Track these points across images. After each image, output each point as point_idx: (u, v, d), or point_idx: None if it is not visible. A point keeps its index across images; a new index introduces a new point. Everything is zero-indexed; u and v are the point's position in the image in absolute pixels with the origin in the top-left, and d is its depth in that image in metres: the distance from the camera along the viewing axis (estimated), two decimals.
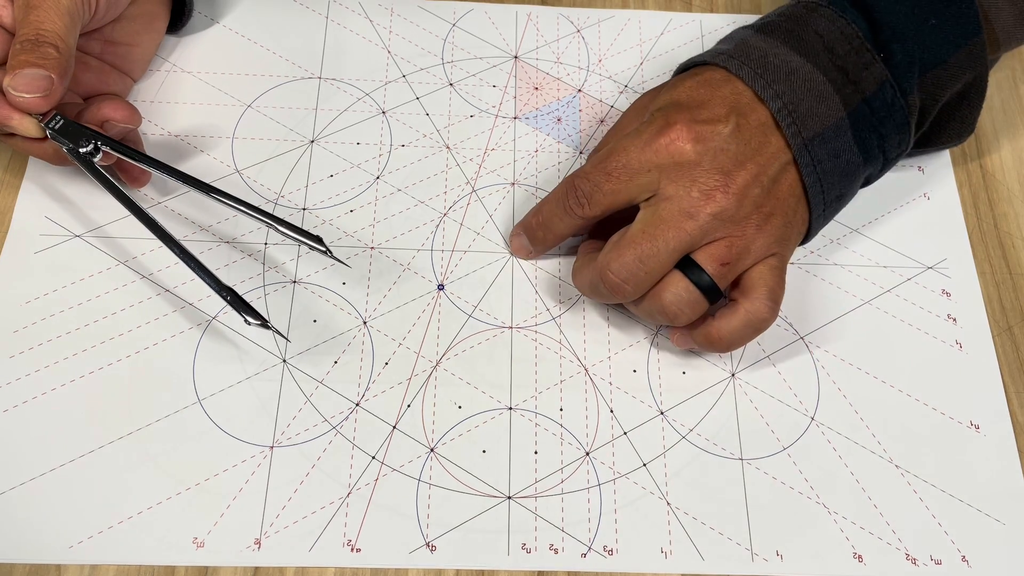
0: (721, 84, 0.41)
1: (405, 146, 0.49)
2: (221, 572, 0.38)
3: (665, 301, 0.39)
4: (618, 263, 0.39)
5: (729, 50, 0.42)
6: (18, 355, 0.42)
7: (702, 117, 0.39)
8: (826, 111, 0.40)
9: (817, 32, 0.41)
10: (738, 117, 0.39)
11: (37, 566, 0.38)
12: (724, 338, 0.40)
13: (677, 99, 0.41)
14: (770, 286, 0.40)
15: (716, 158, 0.39)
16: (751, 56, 0.41)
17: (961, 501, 0.42)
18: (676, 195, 0.39)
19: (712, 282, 0.39)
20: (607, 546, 0.40)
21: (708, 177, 0.39)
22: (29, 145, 0.42)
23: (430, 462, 0.41)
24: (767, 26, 0.42)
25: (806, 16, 0.42)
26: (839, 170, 0.41)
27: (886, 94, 0.41)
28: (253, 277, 0.44)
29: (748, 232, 0.39)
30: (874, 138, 0.41)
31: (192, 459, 0.40)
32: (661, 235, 0.38)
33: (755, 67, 0.40)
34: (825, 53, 0.41)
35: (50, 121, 0.41)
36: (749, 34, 0.42)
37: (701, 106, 0.40)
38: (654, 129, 0.40)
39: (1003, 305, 0.47)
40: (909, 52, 0.41)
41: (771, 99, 0.40)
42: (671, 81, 0.43)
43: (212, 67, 0.50)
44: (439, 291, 0.45)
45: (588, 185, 0.40)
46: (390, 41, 0.52)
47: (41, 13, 0.39)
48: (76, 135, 0.41)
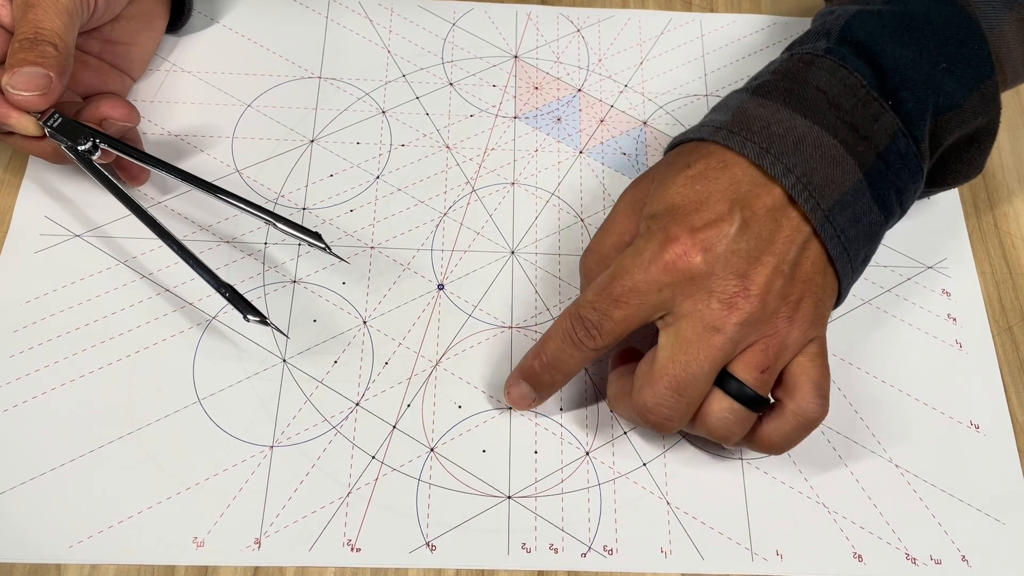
0: (718, 173, 0.37)
1: (405, 146, 0.49)
2: (221, 572, 0.38)
3: (712, 425, 0.37)
4: (654, 400, 0.36)
5: (726, 122, 0.38)
6: (18, 355, 0.42)
7: (703, 221, 0.36)
8: (842, 176, 0.37)
9: (819, 88, 0.38)
10: (742, 210, 0.36)
11: (37, 566, 0.38)
12: (777, 444, 0.37)
13: (672, 202, 0.37)
14: (815, 380, 0.37)
15: (728, 263, 0.35)
16: (752, 128, 0.37)
17: (961, 501, 0.42)
18: (695, 310, 0.36)
19: (755, 393, 0.36)
20: (607, 546, 0.40)
21: (725, 285, 0.35)
22: (28, 143, 0.42)
23: (430, 462, 0.41)
24: (763, 88, 0.39)
25: (804, 71, 0.39)
26: (863, 234, 0.38)
27: (899, 145, 0.38)
28: (253, 276, 0.44)
29: (780, 328, 0.36)
30: (892, 193, 0.38)
31: (192, 459, 0.40)
32: (692, 359, 0.35)
33: (760, 141, 0.37)
34: (831, 111, 0.37)
35: (48, 119, 0.41)
36: (745, 99, 0.39)
37: (700, 208, 0.36)
38: (655, 245, 0.36)
39: (1003, 305, 0.47)
40: (920, 98, 0.38)
41: (782, 175, 0.36)
42: (662, 172, 0.39)
43: (212, 67, 0.50)
44: (439, 291, 0.45)
45: (596, 315, 0.37)
46: (390, 41, 0.52)
47: (40, 12, 0.39)
48: (75, 133, 0.41)
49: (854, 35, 0.39)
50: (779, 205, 0.36)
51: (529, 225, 0.47)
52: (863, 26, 0.39)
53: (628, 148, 0.50)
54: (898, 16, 0.40)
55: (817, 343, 0.37)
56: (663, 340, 0.37)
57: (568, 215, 0.48)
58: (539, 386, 0.40)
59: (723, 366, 0.36)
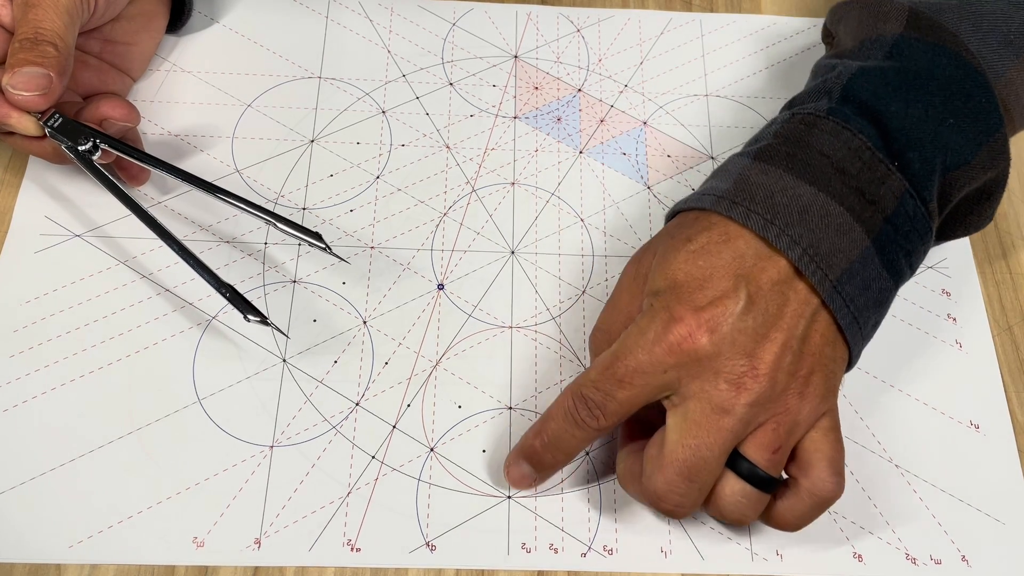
0: (720, 247, 0.36)
1: (405, 146, 0.49)
2: (221, 572, 0.38)
3: (725, 509, 0.36)
4: (665, 487, 0.35)
5: (728, 191, 0.37)
6: (18, 355, 0.42)
7: (707, 300, 0.35)
8: (849, 244, 0.36)
9: (822, 152, 0.37)
10: (747, 286, 0.35)
11: (37, 566, 0.38)
12: (792, 523, 0.36)
13: (674, 279, 0.36)
14: (829, 456, 0.36)
15: (735, 342, 0.34)
16: (755, 198, 0.36)
17: (961, 501, 0.42)
18: (703, 391, 0.34)
19: (767, 475, 0.35)
20: (607, 546, 0.40)
21: (732, 365, 0.34)
22: (28, 143, 0.42)
23: (430, 462, 0.41)
24: (764, 152, 0.38)
25: (806, 135, 0.37)
26: (872, 300, 0.36)
27: (907, 207, 0.37)
28: (253, 276, 0.44)
29: (791, 405, 0.35)
30: (901, 256, 0.37)
31: (192, 459, 0.40)
32: (702, 442, 0.34)
33: (763, 212, 0.36)
34: (836, 176, 0.36)
35: (49, 119, 0.41)
36: (747, 165, 0.38)
37: (703, 285, 0.35)
38: (659, 325, 0.35)
39: (1003, 305, 0.47)
40: (927, 158, 0.37)
41: (788, 247, 0.35)
42: (664, 244, 0.38)
43: (212, 66, 0.50)
44: (439, 291, 0.45)
45: (599, 395, 0.35)
46: (390, 41, 0.52)
47: (40, 12, 0.39)
48: (75, 133, 0.41)
49: (857, 94, 0.38)
50: (785, 278, 0.35)
51: (529, 225, 0.47)
52: (866, 84, 0.38)
53: (628, 148, 0.50)
54: (901, 72, 0.38)
55: (829, 416, 0.36)
56: (671, 422, 0.35)
57: (568, 215, 0.48)
58: (540, 466, 0.38)
59: (734, 447, 0.35)
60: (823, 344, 0.36)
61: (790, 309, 0.35)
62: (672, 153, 0.50)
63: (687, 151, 0.50)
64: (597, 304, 0.45)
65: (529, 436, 0.39)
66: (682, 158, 0.50)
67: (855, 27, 0.42)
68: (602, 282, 0.46)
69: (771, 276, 0.35)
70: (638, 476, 0.37)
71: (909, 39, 0.39)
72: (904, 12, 0.40)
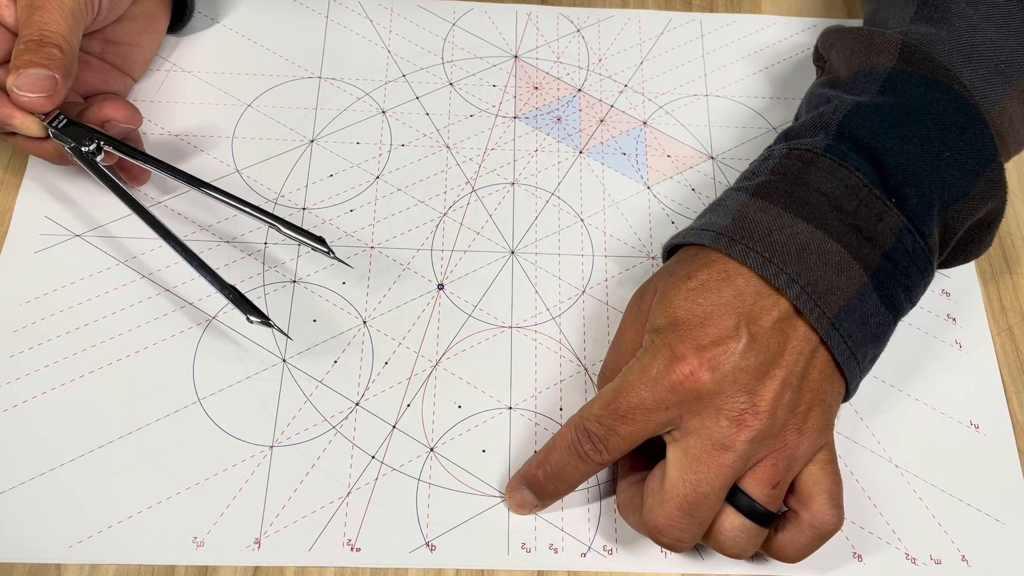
0: (720, 285, 0.36)
1: (405, 146, 0.49)
2: (221, 572, 0.38)
3: (724, 544, 0.36)
4: (666, 521, 0.35)
5: (727, 227, 0.37)
6: (18, 354, 0.42)
7: (709, 339, 0.35)
8: (847, 281, 0.36)
9: (819, 190, 0.37)
10: (749, 325, 0.35)
11: (37, 565, 0.38)
12: (793, 555, 0.37)
13: (675, 316, 0.36)
14: (829, 490, 0.36)
15: (736, 379, 0.34)
16: (754, 236, 0.36)
17: (961, 501, 0.42)
18: (703, 428, 0.35)
19: (766, 510, 0.35)
20: (607, 546, 0.40)
21: (733, 402, 0.34)
22: (31, 144, 0.42)
23: (430, 461, 0.41)
24: (763, 189, 0.38)
25: (803, 172, 0.37)
26: (870, 336, 0.37)
27: (905, 243, 0.37)
28: (253, 277, 0.44)
29: (790, 440, 0.35)
30: (900, 291, 0.37)
31: (192, 459, 0.40)
32: (702, 478, 0.34)
33: (762, 250, 0.36)
34: (833, 214, 0.36)
35: (53, 120, 0.41)
36: (745, 201, 0.38)
37: (704, 323, 0.35)
38: (661, 363, 0.35)
39: (1003, 305, 0.47)
40: (925, 193, 0.37)
41: (786, 286, 0.35)
42: (664, 282, 0.38)
43: (212, 67, 0.50)
44: (439, 291, 0.45)
45: (601, 429, 0.36)
46: (390, 41, 0.52)
47: (45, 14, 0.39)
48: (79, 134, 0.41)
49: (853, 131, 0.38)
50: (785, 316, 0.35)
51: (529, 225, 0.47)
52: (862, 121, 0.38)
53: (628, 148, 0.50)
54: (896, 108, 0.39)
55: (826, 450, 0.37)
56: (672, 457, 0.36)
57: (568, 215, 0.48)
58: (542, 495, 0.39)
59: (733, 482, 0.35)
60: (821, 380, 0.36)
61: (790, 347, 0.35)
62: (672, 153, 0.50)
63: (687, 151, 0.50)
64: (597, 304, 0.45)
65: (532, 465, 0.39)
66: (682, 158, 0.50)
67: (848, 56, 0.42)
68: (602, 282, 0.46)
69: (772, 315, 0.35)
70: (638, 508, 0.37)
71: (902, 73, 0.39)
72: (896, 45, 0.40)
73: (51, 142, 0.41)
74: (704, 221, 0.39)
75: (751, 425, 0.34)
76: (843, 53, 0.42)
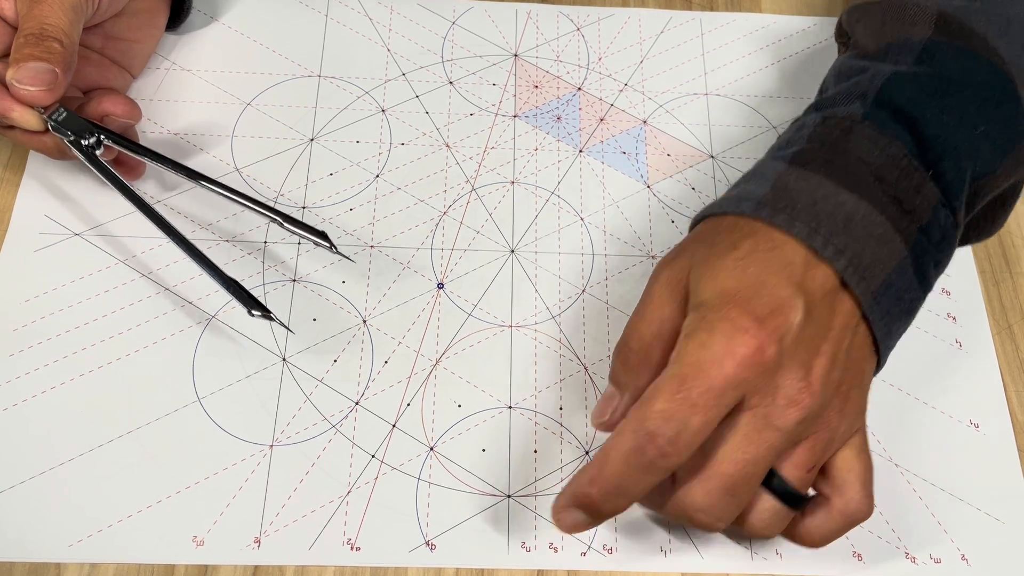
0: (768, 255, 0.34)
1: (405, 144, 0.49)
2: (221, 571, 0.38)
3: (753, 525, 0.35)
4: (706, 501, 0.33)
5: (767, 197, 0.35)
6: (18, 353, 0.42)
7: (767, 309, 0.32)
8: (888, 255, 0.35)
9: (861, 159, 0.35)
10: (804, 295, 0.33)
11: (37, 564, 0.38)
12: (819, 540, 0.35)
13: (725, 288, 0.33)
14: (862, 477, 0.35)
15: (795, 353, 0.33)
16: (797, 204, 0.35)
17: (961, 500, 0.42)
18: (759, 406, 0.33)
19: (798, 493, 0.34)
20: (607, 545, 0.40)
21: (791, 379, 0.33)
22: (29, 138, 0.42)
23: (430, 461, 0.41)
24: (800, 157, 0.36)
25: (843, 141, 0.36)
26: (904, 311, 0.36)
27: (940, 218, 0.36)
28: (253, 275, 0.44)
29: (832, 422, 0.34)
30: (931, 267, 0.36)
31: (192, 457, 0.40)
32: (750, 458, 0.32)
33: (808, 220, 0.34)
34: (876, 184, 0.35)
35: (53, 113, 0.41)
36: (782, 169, 0.36)
37: (759, 293, 0.33)
38: (722, 340, 0.32)
39: (1003, 304, 0.47)
40: (960, 168, 0.36)
41: (834, 256, 0.34)
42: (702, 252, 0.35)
43: (212, 65, 0.50)
44: (439, 289, 0.45)
45: (671, 427, 0.31)
46: (390, 39, 0.52)
47: (45, 8, 0.39)
48: (79, 128, 0.41)
49: (892, 99, 0.37)
50: (833, 289, 0.34)
51: (529, 224, 0.47)
52: (901, 90, 0.37)
53: (628, 147, 0.50)
54: (934, 79, 0.38)
55: (861, 434, 0.35)
56: (716, 434, 0.33)
57: (568, 214, 0.47)
58: (598, 515, 0.34)
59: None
60: (861, 358, 0.35)
61: (837, 321, 0.34)
62: (672, 152, 0.50)
63: (687, 150, 0.50)
64: (597, 303, 0.45)
65: (583, 483, 0.34)
66: (682, 157, 0.50)
67: (878, 28, 0.41)
68: (602, 281, 0.46)
69: (822, 287, 0.34)
70: (661, 490, 0.34)
71: (939, 44, 0.38)
72: (932, 16, 0.39)
73: (50, 136, 0.41)
74: (740, 191, 0.37)
75: (804, 404, 0.32)
76: (872, 26, 0.41)
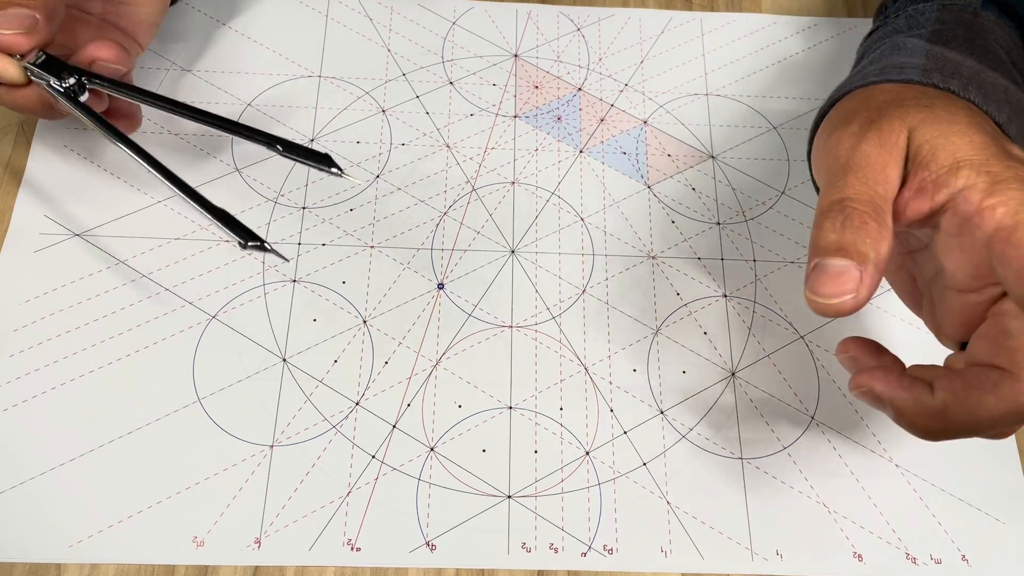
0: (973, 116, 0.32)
1: (405, 145, 0.49)
2: (221, 571, 0.38)
3: None
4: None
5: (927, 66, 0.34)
6: (18, 354, 0.42)
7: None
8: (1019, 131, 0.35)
9: (996, 41, 0.36)
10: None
11: (37, 565, 0.38)
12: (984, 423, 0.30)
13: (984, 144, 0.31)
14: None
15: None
16: (962, 73, 0.34)
17: (961, 500, 0.42)
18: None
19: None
20: (607, 545, 0.40)
21: None
22: (12, 95, 0.40)
23: (430, 461, 0.41)
24: (939, 36, 0.36)
25: (975, 24, 0.37)
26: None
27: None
28: (253, 275, 0.44)
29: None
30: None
31: (192, 458, 0.40)
32: None
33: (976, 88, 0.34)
34: (1010, 66, 0.36)
35: (34, 61, 0.39)
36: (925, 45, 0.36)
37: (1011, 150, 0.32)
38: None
39: None
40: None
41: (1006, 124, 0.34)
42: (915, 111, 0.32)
43: (212, 65, 0.50)
44: (439, 290, 0.45)
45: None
46: (390, 39, 0.52)
47: None
48: (58, 71, 0.39)
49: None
50: None
51: (529, 224, 0.47)
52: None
53: (628, 147, 0.50)
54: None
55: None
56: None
57: (568, 214, 0.47)
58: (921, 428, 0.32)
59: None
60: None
61: None
62: (672, 152, 0.50)
63: (687, 150, 0.50)
64: (597, 303, 0.45)
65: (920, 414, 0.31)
66: (682, 157, 0.50)
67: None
68: (602, 281, 0.46)
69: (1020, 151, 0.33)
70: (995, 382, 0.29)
71: None
72: None
73: (32, 88, 0.39)
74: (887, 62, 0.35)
75: None
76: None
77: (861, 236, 0.30)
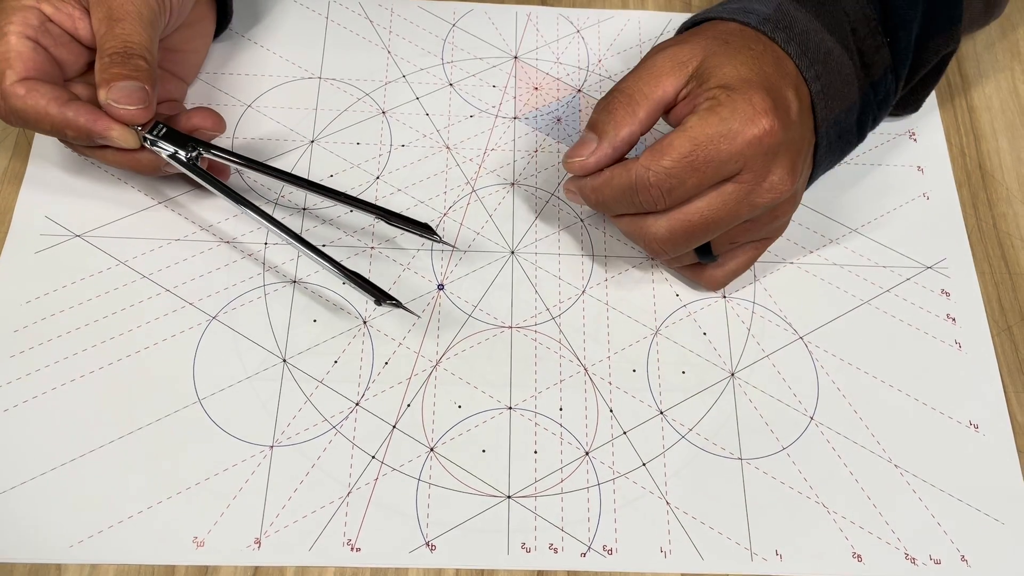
0: (773, 61, 0.39)
1: (405, 146, 0.49)
2: (221, 571, 0.38)
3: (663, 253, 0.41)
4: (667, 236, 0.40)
5: (770, 16, 0.40)
6: (18, 355, 0.42)
7: (779, 102, 0.38)
8: (846, 94, 0.41)
9: (844, 11, 0.41)
10: (798, 100, 0.39)
11: (37, 565, 0.38)
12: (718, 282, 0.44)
13: (746, 77, 0.38)
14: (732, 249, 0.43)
15: (788, 148, 0.38)
16: (794, 30, 0.40)
17: (960, 501, 0.42)
18: (746, 183, 0.38)
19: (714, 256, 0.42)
20: (607, 545, 0.40)
21: (780, 169, 0.38)
22: (124, 157, 0.42)
23: (430, 462, 0.41)
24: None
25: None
26: (838, 149, 0.42)
27: (887, 81, 0.42)
28: (253, 277, 0.44)
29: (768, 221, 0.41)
30: (870, 121, 0.43)
31: (192, 459, 0.40)
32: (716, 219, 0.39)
33: (799, 43, 0.40)
34: (850, 34, 0.41)
35: (153, 130, 0.41)
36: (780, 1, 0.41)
37: (772, 88, 0.38)
38: (741, 118, 0.37)
39: (1002, 305, 0.47)
40: (908, 39, 0.42)
41: (813, 80, 0.40)
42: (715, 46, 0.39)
43: (212, 67, 0.50)
44: (439, 291, 0.45)
45: (670, 184, 0.38)
46: (390, 41, 0.52)
47: (127, 26, 0.40)
48: (179, 142, 0.42)
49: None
50: (807, 106, 0.40)
51: (529, 225, 0.47)
52: None
53: None
54: None
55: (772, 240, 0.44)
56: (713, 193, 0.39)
57: (568, 215, 0.48)
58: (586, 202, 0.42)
59: None
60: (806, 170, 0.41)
61: (807, 131, 0.40)
62: None
63: None
64: (597, 304, 0.45)
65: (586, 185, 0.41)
66: None
67: None
68: (601, 282, 0.46)
69: (805, 100, 0.40)
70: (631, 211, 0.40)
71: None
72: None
73: (145, 153, 0.42)
74: (743, 5, 0.42)
75: (780, 193, 0.38)
76: None
77: (606, 118, 0.39)
